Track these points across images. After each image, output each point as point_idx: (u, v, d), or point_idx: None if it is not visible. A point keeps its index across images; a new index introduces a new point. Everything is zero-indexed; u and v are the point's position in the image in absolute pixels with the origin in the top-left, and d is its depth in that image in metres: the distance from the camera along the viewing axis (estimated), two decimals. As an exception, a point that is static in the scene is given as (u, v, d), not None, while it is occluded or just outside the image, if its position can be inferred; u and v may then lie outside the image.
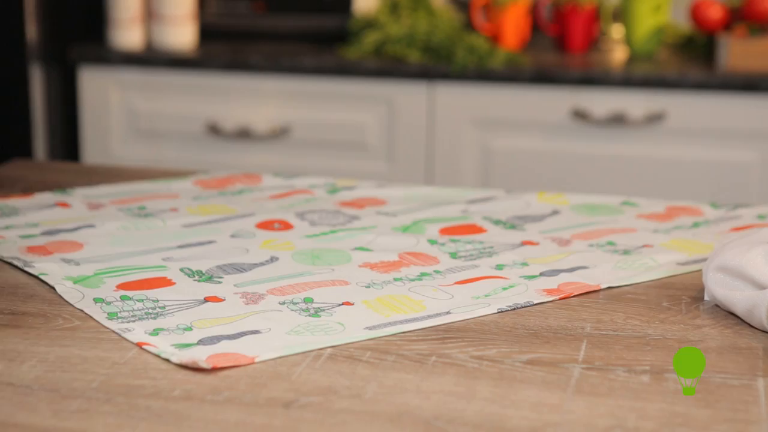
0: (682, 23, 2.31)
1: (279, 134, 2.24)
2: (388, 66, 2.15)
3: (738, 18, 2.10)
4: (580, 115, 2.07)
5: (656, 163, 2.07)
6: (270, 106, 2.24)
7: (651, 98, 2.05)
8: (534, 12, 2.35)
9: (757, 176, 2.03)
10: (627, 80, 2.04)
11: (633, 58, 2.20)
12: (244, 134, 2.24)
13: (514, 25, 2.30)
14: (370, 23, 2.28)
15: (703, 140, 2.04)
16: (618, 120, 2.06)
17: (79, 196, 1.11)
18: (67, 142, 2.40)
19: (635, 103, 2.05)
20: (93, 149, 2.31)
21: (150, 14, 2.32)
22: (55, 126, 2.38)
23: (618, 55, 2.25)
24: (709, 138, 2.04)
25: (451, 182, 2.15)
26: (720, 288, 0.82)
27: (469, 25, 2.36)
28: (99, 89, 2.27)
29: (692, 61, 2.15)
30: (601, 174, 2.09)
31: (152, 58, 2.26)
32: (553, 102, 2.10)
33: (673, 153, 2.06)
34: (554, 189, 2.06)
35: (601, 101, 2.07)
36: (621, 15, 2.25)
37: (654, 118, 2.05)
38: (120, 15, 2.30)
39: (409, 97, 2.17)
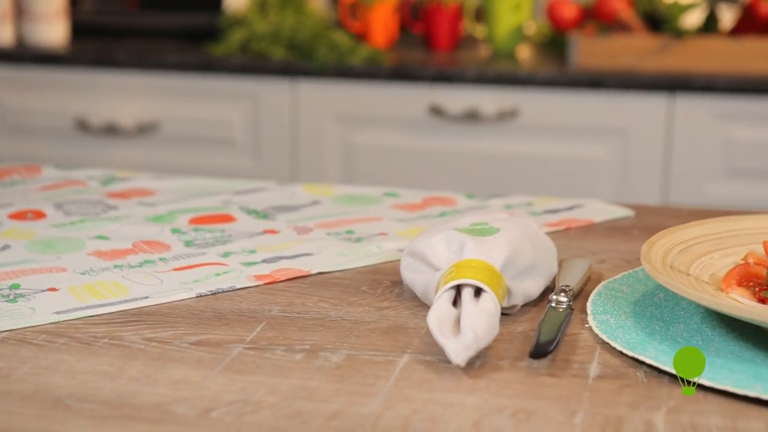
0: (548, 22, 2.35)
1: (146, 130, 2.25)
2: (252, 63, 2.18)
3: (589, 17, 2.15)
4: (437, 112, 2.11)
5: (510, 158, 2.11)
6: (137, 103, 2.25)
7: (504, 95, 2.09)
8: (400, 10, 2.39)
9: (605, 171, 2.08)
10: (480, 77, 2.08)
11: (495, 56, 2.25)
12: (111, 130, 2.25)
13: (381, 23, 2.33)
14: (238, 21, 2.30)
15: (555, 136, 2.09)
16: (472, 116, 2.10)
17: None
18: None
19: (489, 99, 2.09)
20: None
21: (21, 11, 2.33)
22: None
23: (481, 53, 2.30)
24: (560, 134, 2.08)
25: (315, 178, 2.18)
26: (407, 272, 0.85)
27: (340, 23, 2.40)
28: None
29: (552, 59, 2.20)
30: (458, 169, 2.13)
31: (20, 54, 2.27)
32: (412, 98, 2.14)
33: (526, 148, 2.10)
34: (413, 184, 2.10)
35: (456, 98, 2.11)
36: (483, 14, 2.30)
37: (507, 115, 2.09)
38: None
39: (272, 94, 2.19)
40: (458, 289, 0.78)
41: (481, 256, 0.80)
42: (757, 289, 0.77)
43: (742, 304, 0.76)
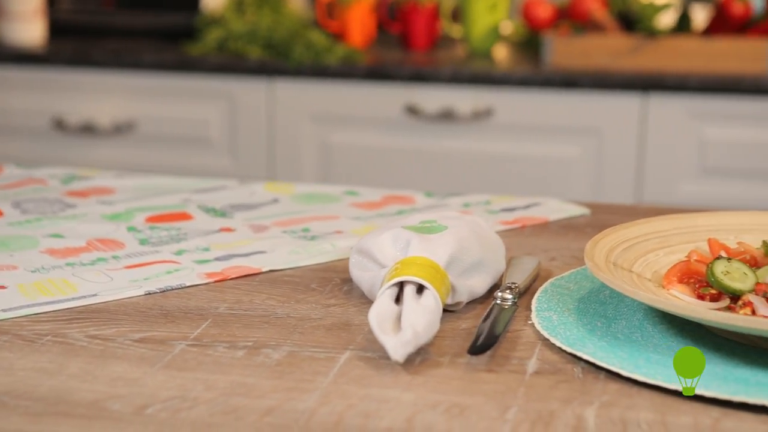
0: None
1: (123, 130, 2.26)
2: (229, 62, 2.18)
3: (564, 17, 2.15)
4: (413, 111, 2.12)
5: (485, 157, 2.12)
6: (114, 102, 2.26)
7: (479, 95, 2.10)
8: (377, 10, 2.40)
9: (580, 171, 2.09)
10: (455, 77, 2.09)
11: (471, 56, 2.25)
12: (88, 130, 2.26)
13: (358, 22, 2.34)
14: (215, 20, 2.31)
15: (529, 135, 2.09)
16: (447, 116, 2.10)
17: None
18: None
19: (464, 99, 2.10)
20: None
21: (-3, 10, 2.33)
22: None
23: (458, 52, 2.30)
24: (534, 133, 2.09)
25: (292, 177, 2.18)
26: (355, 269, 0.86)
27: (317, 23, 2.40)
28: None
29: (528, 58, 2.21)
30: (433, 168, 2.14)
31: (-3, 53, 2.27)
32: (388, 98, 2.14)
33: (500, 148, 2.11)
34: (390, 183, 2.10)
35: (431, 98, 2.11)
36: (459, 14, 2.30)
37: (482, 114, 2.09)
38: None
39: (249, 93, 2.20)
40: (402, 286, 0.79)
41: (426, 253, 0.81)
42: (696, 285, 0.78)
43: (679, 301, 0.76)
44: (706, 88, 1.99)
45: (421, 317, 0.74)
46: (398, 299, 0.78)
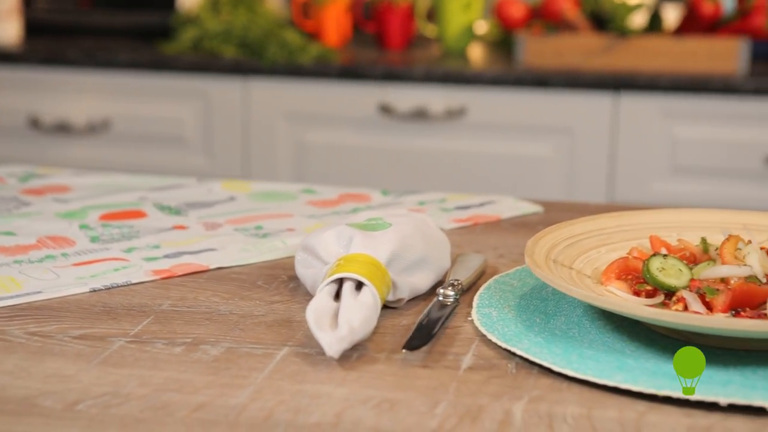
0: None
1: (98, 129, 2.26)
2: (204, 61, 2.19)
3: (537, 16, 2.16)
4: (386, 110, 2.12)
5: (458, 156, 2.12)
6: (89, 101, 2.26)
7: (452, 94, 2.10)
8: (352, 10, 2.40)
9: (552, 169, 2.09)
10: (428, 76, 2.09)
11: (446, 55, 2.26)
12: (64, 129, 2.26)
13: (334, 22, 2.34)
14: (191, 19, 2.31)
15: (502, 134, 2.10)
16: (421, 115, 2.11)
17: None
18: None
19: (437, 98, 2.10)
20: None
21: (-28, 9, 2.32)
22: None
23: (433, 52, 2.31)
24: (507, 132, 2.10)
25: (267, 175, 2.19)
26: (300, 266, 0.86)
27: (293, 22, 2.40)
28: None
29: (502, 58, 2.21)
30: (407, 167, 2.14)
31: (-29, 52, 2.27)
32: (361, 97, 2.15)
33: (473, 147, 2.12)
34: (363, 182, 2.11)
35: (405, 97, 2.12)
36: (434, 13, 2.31)
37: (455, 113, 2.10)
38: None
39: (224, 92, 2.20)
40: (343, 282, 0.79)
41: (367, 250, 0.81)
42: (634, 282, 0.78)
43: (614, 297, 0.77)
44: (677, 88, 2.00)
45: (357, 313, 0.74)
46: (339, 296, 0.79)
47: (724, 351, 0.72)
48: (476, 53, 2.28)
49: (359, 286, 0.78)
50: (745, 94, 1.98)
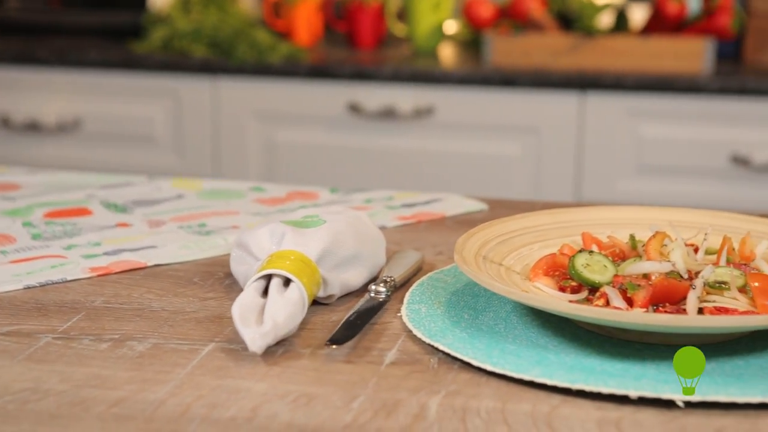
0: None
1: (69, 128, 2.26)
2: (173, 60, 2.19)
3: (504, 16, 2.17)
4: (355, 109, 2.12)
5: (426, 155, 2.13)
6: (59, 100, 2.25)
7: (420, 93, 2.10)
8: (323, 9, 2.40)
9: (519, 168, 2.10)
10: (396, 76, 2.09)
11: (416, 55, 2.26)
12: (34, 128, 2.25)
13: (305, 21, 2.34)
14: (162, 19, 2.31)
15: (470, 134, 2.10)
16: (389, 114, 2.11)
17: None
18: None
19: (405, 97, 2.11)
20: None
21: (-57, 9, 2.32)
22: None
23: (404, 51, 2.31)
24: (475, 131, 2.10)
25: (237, 175, 2.19)
26: (234, 263, 0.87)
27: (264, 22, 2.40)
28: None
29: (471, 57, 2.22)
30: (376, 166, 2.15)
31: (-60, 52, 2.27)
32: (330, 96, 2.15)
33: (441, 146, 2.12)
34: (333, 181, 2.11)
35: (373, 96, 2.12)
36: (405, 13, 2.31)
37: (423, 112, 2.10)
38: None
39: (193, 91, 2.20)
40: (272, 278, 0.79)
41: (298, 247, 0.81)
42: (560, 278, 0.79)
43: (538, 292, 0.77)
44: (642, 87, 2.00)
45: (282, 309, 0.75)
46: (267, 292, 0.79)
47: (644, 345, 0.73)
48: (446, 53, 2.29)
49: (287, 282, 0.79)
50: (710, 94, 1.99)
